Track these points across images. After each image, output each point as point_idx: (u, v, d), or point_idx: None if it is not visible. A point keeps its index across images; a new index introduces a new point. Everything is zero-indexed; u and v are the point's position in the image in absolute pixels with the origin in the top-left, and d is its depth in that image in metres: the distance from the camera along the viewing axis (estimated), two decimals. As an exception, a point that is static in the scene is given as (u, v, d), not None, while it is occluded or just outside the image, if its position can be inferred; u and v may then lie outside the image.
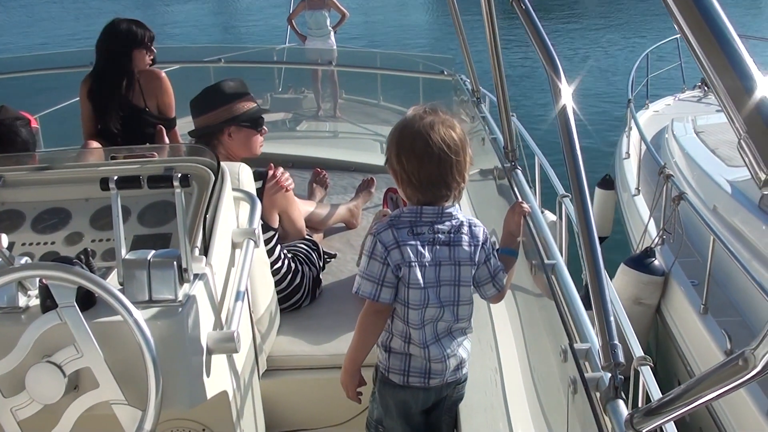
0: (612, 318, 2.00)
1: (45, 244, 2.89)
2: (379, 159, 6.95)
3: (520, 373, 3.01)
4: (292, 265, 3.97)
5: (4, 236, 2.40)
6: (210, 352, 2.53)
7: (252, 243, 2.94)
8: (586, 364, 2.13)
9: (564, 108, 2.40)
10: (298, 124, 10.41)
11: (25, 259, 2.53)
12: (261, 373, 3.49)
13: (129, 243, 2.84)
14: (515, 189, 3.26)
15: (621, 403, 1.92)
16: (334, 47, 12.59)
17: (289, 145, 7.24)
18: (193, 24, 32.19)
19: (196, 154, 2.99)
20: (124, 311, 2.24)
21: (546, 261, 2.69)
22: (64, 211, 2.99)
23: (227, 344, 2.54)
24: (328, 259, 4.46)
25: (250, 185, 3.32)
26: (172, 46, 6.36)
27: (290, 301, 3.97)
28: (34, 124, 3.93)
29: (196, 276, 2.55)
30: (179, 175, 2.50)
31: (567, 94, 2.47)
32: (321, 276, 4.25)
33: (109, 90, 5.38)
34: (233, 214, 3.01)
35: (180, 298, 2.44)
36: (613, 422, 1.87)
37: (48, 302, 2.36)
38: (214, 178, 2.87)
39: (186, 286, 2.49)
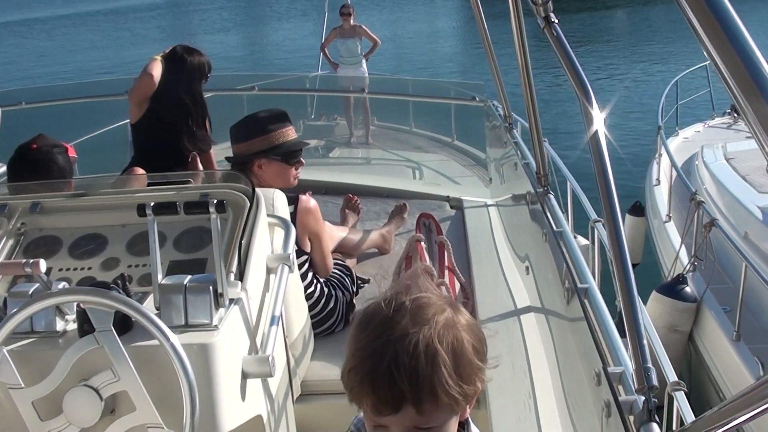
0: (645, 341, 2.01)
1: (82, 269, 2.93)
2: (411, 185, 7.01)
3: (553, 398, 3.02)
4: (326, 289, 4.01)
5: (43, 261, 2.45)
6: (245, 376, 2.58)
7: (287, 268, 2.98)
8: (620, 387, 2.14)
9: (596, 134, 2.42)
10: (331, 151, 10.49)
11: (62, 284, 2.58)
12: (295, 398, 3.52)
13: (165, 268, 2.87)
14: (548, 214, 3.28)
15: (655, 426, 1.92)
16: (366, 75, 12.69)
17: (322, 171, 7.30)
18: (224, 55, 32.40)
19: (232, 180, 3.04)
20: (161, 335, 2.28)
21: (579, 285, 2.71)
22: (100, 237, 3.04)
23: (262, 368, 2.58)
24: (361, 285, 4.50)
25: (285, 211, 3.36)
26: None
27: (324, 325, 4.01)
28: (72, 153, 3.99)
29: (231, 301, 2.59)
30: (215, 201, 2.55)
31: (599, 119, 2.48)
32: (354, 301, 4.28)
33: (180, 115, 5.51)
34: (268, 240, 3.05)
35: (215, 322, 2.49)
36: None
37: (85, 326, 2.41)
38: (249, 204, 2.91)
39: (221, 310, 2.54)
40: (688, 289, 7.22)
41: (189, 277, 2.53)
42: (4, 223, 3.08)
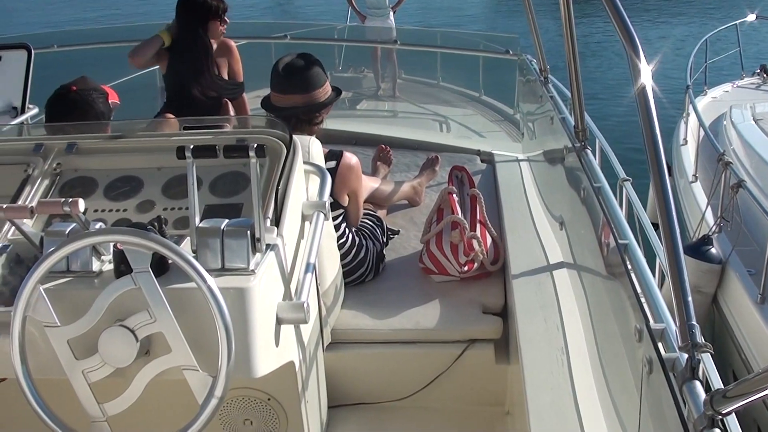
0: (690, 298, 2.01)
1: (117, 211, 2.94)
2: (441, 138, 6.99)
3: (587, 353, 3.03)
4: (357, 239, 4.02)
5: (81, 201, 2.45)
6: (279, 322, 2.59)
7: (322, 216, 2.98)
8: (660, 344, 2.14)
9: (643, 88, 2.39)
10: (358, 103, 10.47)
11: (99, 225, 2.60)
12: (325, 346, 3.55)
13: (201, 212, 2.90)
14: (586, 169, 3.27)
15: (698, 384, 1.91)
16: (393, 26, 12.61)
17: (351, 122, 7.28)
18: (251, 3, 32.23)
19: (269, 126, 3.04)
20: (199, 278, 2.29)
21: (619, 241, 2.70)
22: (136, 179, 3.05)
23: (297, 315, 2.59)
24: (391, 236, 4.50)
25: (320, 159, 3.36)
26: (235, 21, 6.38)
27: (354, 275, 4.03)
28: (114, 99, 4.00)
29: (268, 246, 2.59)
30: (255, 145, 2.55)
31: (646, 73, 2.46)
32: (384, 252, 4.30)
33: (189, 61, 5.59)
34: (303, 187, 3.05)
35: (252, 267, 2.49)
36: (690, 403, 1.87)
37: (122, 267, 2.42)
38: (286, 151, 2.91)
39: (258, 255, 2.54)
40: (713, 250, 7.18)
41: (226, 221, 2.53)
42: (39, 162, 3.09)
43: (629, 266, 2.52)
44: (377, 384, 3.81)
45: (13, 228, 2.84)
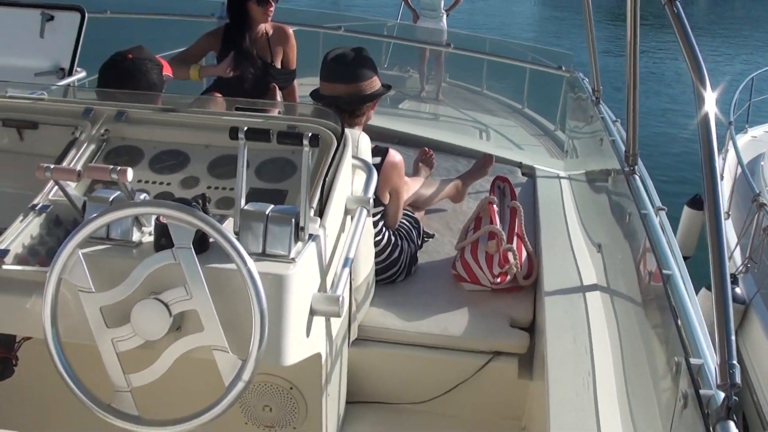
0: (733, 337, 1.98)
1: (161, 183, 2.93)
2: (484, 146, 6.94)
3: (614, 379, 3.00)
4: (393, 238, 4.00)
5: (130, 170, 2.44)
6: (312, 313, 2.56)
7: (365, 211, 2.96)
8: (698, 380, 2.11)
9: (706, 116, 2.36)
10: (401, 102, 10.44)
11: (143, 196, 2.59)
12: (351, 341, 3.53)
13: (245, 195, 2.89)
14: (634, 194, 3.23)
15: (732, 425, 1.88)
16: (445, 29, 12.56)
17: (392, 121, 7.25)
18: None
19: (321, 116, 3.02)
20: (240, 261, 2.26)
21: (663, 271, 2.66)
22: (182, 154, 3.03)
23: (331, 307, 2.56)
24: (426, 239, 4.48)
25: (368, 154, 3.34)
26: (286, 7, 6.36)
27: (386, 273, 4.01)
28: (168, 72, 3.98)
29: (310, 236, 2.58)
30: (309, 134, 2.53)
31: (711, 102, 2.42)
32: (418, 254, 4.28)
33: (239, 42, 5.58)
34: (349, 181, 3.04)
35: (293, 255, 2.47)
36: None
37: (163, 241, 2.40)
38: (337, 143, 2.90)
39: (300, 244, 2.52)
40: (738, 290, 7.11)
41: (272, 206, 2.51)
42: (87, 127, 3.09)
43: (672, 298, 2.48)
44: (397, 385, 3.79)
45: (55, 189, 2.84)
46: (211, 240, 2.44)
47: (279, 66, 5.74)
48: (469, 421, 3.73)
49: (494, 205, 4.22)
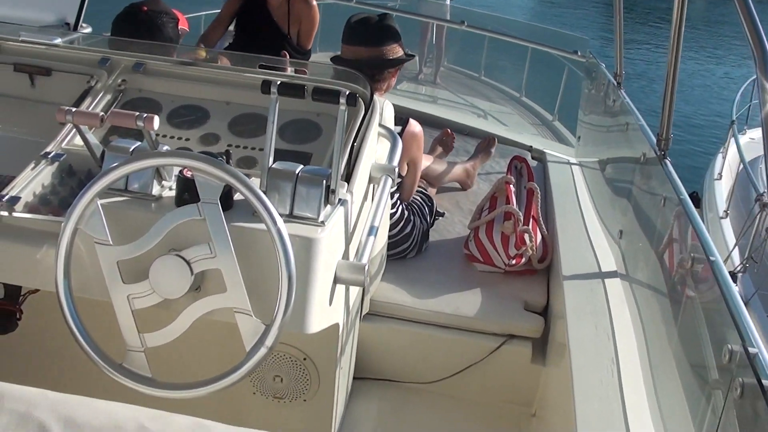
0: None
1: (179, 138, 2.84)
2: (493, 128, 6.79)
3: (639, 367, 2.90)
4: (406, 213, 3.89)
5: (156, 118, 2.33)
6: (336, 281, 2.44)
7: (390, 180, 2.85)
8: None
9: None
10: (398, 83, 10.30)
11: (165, 148, 2.46)
12: (362, 315, 3.42)
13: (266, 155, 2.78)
14: (669, 179, 3.12)
15: None
16: (449, 8, 12.34)
17: (407, 100, 7.10)
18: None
19: (349, 79, 2.91)
20: (270, 220, 2.14)
21: (710, 258, 2.56)
22: (202, 109, 2.94)
23: (356, 276, 2.44)
24: (437, 217, 4.36)
25: (391, 123, 3.23)
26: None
27: (397, 249, 3.89)
28: (183, 26, 3.86)
29: (339, 200, 2.46)
30: (347, 92, 2.41)
31: None
32: (429, 232, 4.16)
33: (259, 6, 5.42)
34: (375, 148, 2.92)
35: (322, 218, 2.35)
36: None
37: (185, 196, 2.29)
38: (365, 107, 2.79)
39: (329, 208, 2.40)
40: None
41: (301, 166, 2.39)
42: (103, 76, 2.99)
43: (722, 285, 2.37)
44: (406, 363, 3.68)
45: (69, 137, 2.75)
46: (235, 198, 2.33)
47: (294, 40, 5.57)
48: (478, 405, 3.63)
49: (511, 185, 4.10)
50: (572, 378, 2.81)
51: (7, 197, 2.47)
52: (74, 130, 2.75)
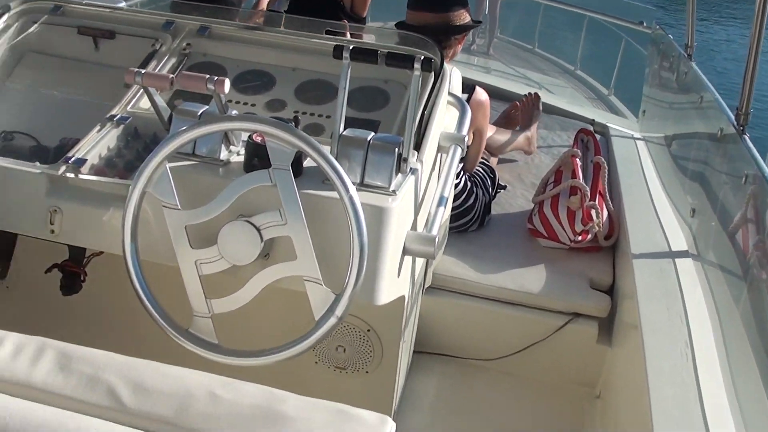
0: None
1: (245, 104, 2.79)
2: (552, 99, 6.65)
3: (716, 353, 2.80)
4: (469, 184, 3.79)
5: (227, 81, 2.26)
6: (405, 252, 2.38)
7: (459, 150, 2.76)
8: None
9: None
10: None
11: (234, 112, 2.41)
12: (425, 288, 3.35)
13: (333, 122, 2.71)
14: (750, 156, 3.00)
15: None
16: None
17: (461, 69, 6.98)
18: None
19: (419, 45, 2.82)
20: (342, 188, 2.07)
21: None
22: (268, 75, 2.89)
23: (426, 248, 2.37)
24: (498, 190, 4.26)
25: (459, 91, 3.14)
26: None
27: (459, 221, 3.80)
28: None
29: (410, 170, 2.39)
30: (422, 57, 2.33)
31: None
32: (491, 204, 4.06)
33: None
34: (444, 117, 2.84)
35: (393, 188, 2.29)
36: None
37: (255, 161, 2.24)
38: (435, 75, 2.70)
39: (400, 177, 2.34)
40: None
41: (373, 133, 2.33)
42: (168, 40, 2.95)
43: None
44: (467, 339, 3.60)
45: (134, 100, 2.71)
46: (305, 165, 2.28)
47: (348, 7, 5.44)
48: (541, 385, 3.55)
49: (577, 159, 4.00)
50: (645, 361, 2.72)
51: (73, 159, 2.45)
52: (140, 92, 2.72)
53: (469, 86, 3.64)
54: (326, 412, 1.86)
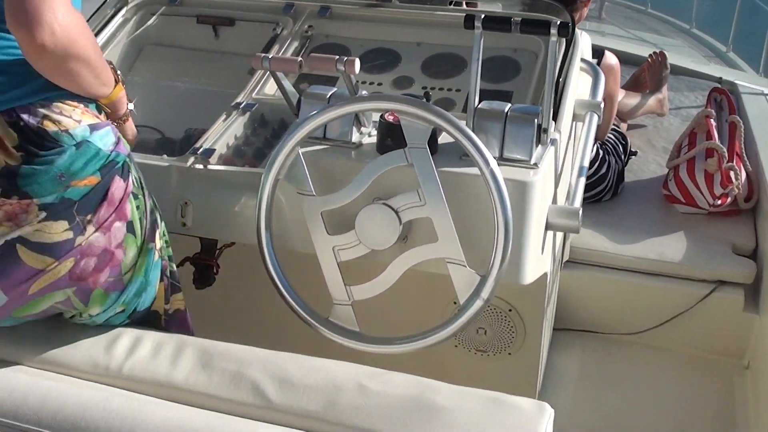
0: None
1: (371, 84, 2.74)
2: (676, 59, 6.44)
3: None
4: (600, 152, 3.67)
5: (358, 61, 2.18)
6: (548, 228, 2.29)
7: (596, 117, 2.66)
8: None
9: None
10: None
11: (363, 92, 2.34)
12: (563, 263, 3.25)
13: (464, 95, 2.63)
14: None
15: None
16: None
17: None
18: None
19: (548, 10, 2.72)
20: (483, 163, 1.98)
21: None
22: (392, 52, 2.83)
23: (570, 222, 2.29)
24: (630, 156, 4.12)
25: (589, 56, 3.03)
26: None
27: (593, 191, 3.68)
28: None
29: (550, 140, 2.29)
30: (558, 22, 2.22)
31: None
32: (624, 172, 3.93)
33: None
34: (577, 84, 2.73)
35: (534, 160, 2.19)
36: None
37: (388, 141, 2.17)
38: (568, 41, 2.59)
39: (540, 148, 2.23)
40: None
41: (509, 105, 2.23)
42: (289, 23, 2.92)
43: None
44: (608, 313, 3.50)
45: (259, 87, 2.69)
46: (441, 142, 2.19)
47: None
48: (687, 357, 3.42)
49: (712, 120, 3.83)
50: None
51: (201, 150, 2.42)
52: (264, 78, 2.69)
53: (597, 51, 3.51)
54: (481, 401, 1.79)
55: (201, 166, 2.38)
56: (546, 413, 1.79)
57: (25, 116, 1.84)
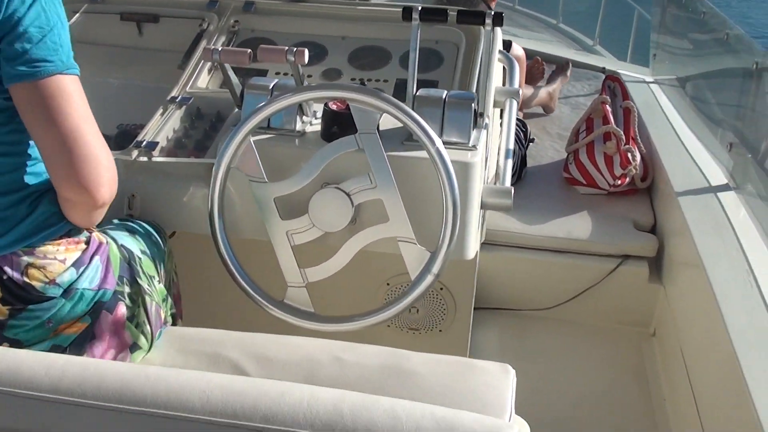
0: None
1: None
2: (561, 51, 6.65)
3: None
4: (504, 139, 3.82)
5: (306, 51, 2.26)
6: (482, 206, 2.40)
7: (515, 103, 2.79)
8: None
9: None
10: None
11: (306, 83, 2.42)
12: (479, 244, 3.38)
13: (391, 86, 2.72)
14: None
15: None
16: None
17: None
18: None
19: (466, 4, 2.85)
20: (432, 147, 2.07)
21: None
22: (319, 46, 2.90)
23: (503, 201, 2.39)
24: (529, 143, 4.30)
25: (501, 46, 3.17)
26: None
27: None
28: None
29: (485, 125, 2.42)
30: (492, 12, 2.34)
31: None
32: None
33: None
34: (497, 72, 2.87)
35: (473, 143, 2.31)
36: None
37: (334, 129, 2.25)
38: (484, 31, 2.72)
39: (476, 132, 2.35)
40: None
41: (446, 91, 2.33)
42: (214, 19, 2.96)
43: None
44: (522, 291, 3.66)
45: (192, 81, 2.72)
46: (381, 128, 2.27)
47: None
48: (597, 329, 3.60)
49: (607, 105, 4.03)
50: (714, 293, 2.76)
51: (145, 143, 2.45)
52: (197, 73, 2.72)
53: (505, 42, 3.66)
54: (451, 365, 1.89)
55: (146, 159, 2.42)
56: (510, 374, 1.91)
57: (8, 269, 1.80)
